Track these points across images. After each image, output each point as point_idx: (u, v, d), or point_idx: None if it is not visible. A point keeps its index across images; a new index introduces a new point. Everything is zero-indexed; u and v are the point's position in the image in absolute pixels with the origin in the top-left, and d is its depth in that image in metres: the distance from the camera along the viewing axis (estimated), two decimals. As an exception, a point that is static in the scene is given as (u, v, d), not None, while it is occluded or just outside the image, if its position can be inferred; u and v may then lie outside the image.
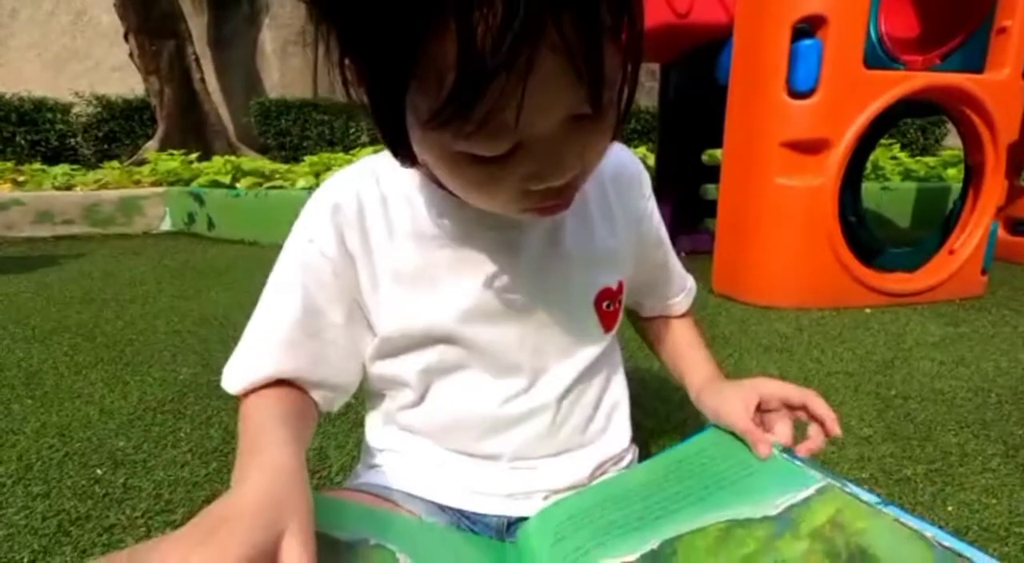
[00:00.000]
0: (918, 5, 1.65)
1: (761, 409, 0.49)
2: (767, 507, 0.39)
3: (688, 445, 0.49)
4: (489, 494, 0.48)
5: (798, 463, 0.43)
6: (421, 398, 0.48)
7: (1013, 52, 1.50)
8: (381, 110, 0.33)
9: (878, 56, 1.50)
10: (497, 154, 0.33)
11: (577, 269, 0.48)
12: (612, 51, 0.31)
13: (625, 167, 0.52)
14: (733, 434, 0.48)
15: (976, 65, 1.53)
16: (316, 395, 0.45)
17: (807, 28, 1.42)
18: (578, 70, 0.29)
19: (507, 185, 0.36)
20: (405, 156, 0.37)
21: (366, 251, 0.44)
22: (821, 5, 1.40)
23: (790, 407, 0.48)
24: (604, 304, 0.50)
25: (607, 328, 0.51)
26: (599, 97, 0.31)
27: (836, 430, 0.47)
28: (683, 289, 0.61)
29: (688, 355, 0.59)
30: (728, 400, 0.49)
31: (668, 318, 0.62)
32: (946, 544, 0.33)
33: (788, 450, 0.45)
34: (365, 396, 0.54)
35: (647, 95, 5.53)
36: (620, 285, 0.52)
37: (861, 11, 1.41)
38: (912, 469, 0.79)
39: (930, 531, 0.34)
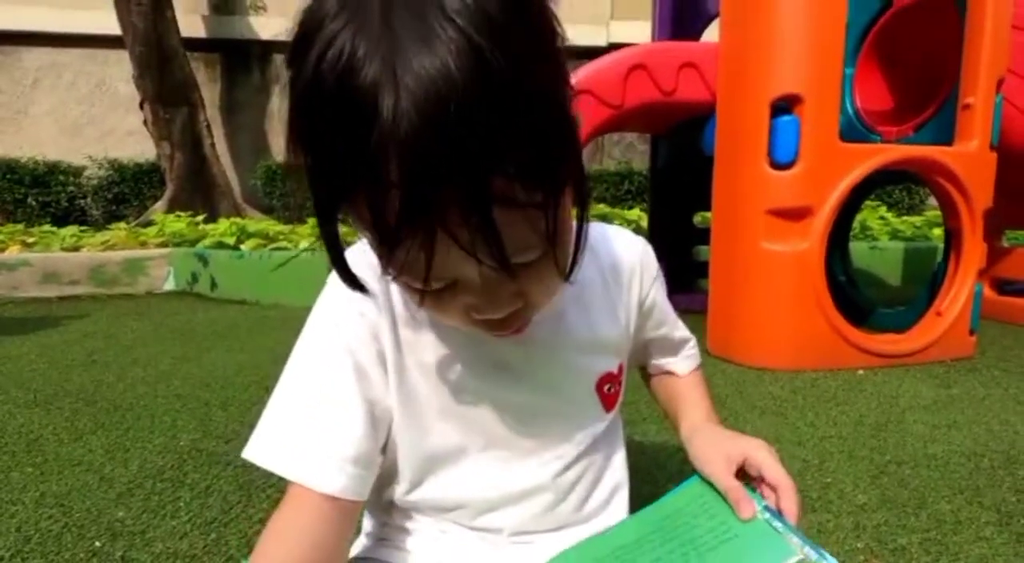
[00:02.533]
0: (889, 79, 1.77)
1: (741, 470, 0.49)
2: None
3: (674, 498, 0.50)
4: (487, 569, 0.49)
5: (778, 526, 0.43)
6: (420, 482, 0.50)
7: (979, 126, 1.60)
8: (322, 229, 0.35)
9: (855, 129, 1.60)
10: (437, 287, 0.36)
11: (579, 357, 0.51)
12: (523, 220, 0.33)
13: (626, 257, 0.54)
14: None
15: (946, 137, 1.63)
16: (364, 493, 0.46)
17: (784, 105, 1.52)
18: (469, 253, 0.32)
19: (453, 311, 0.39)
20: (346, 278, 0.38)
21: (395, 346, 0.46)
22: (796, 85, 1.50)
23: (765, 482, 0.49)
24: (606, 387, 0.53)
25: (608, 409, 0.54)
26: (501, 266, 0.33)
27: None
28: (687, 355, 0.64)
29: (686, 397, 0.61)
30: (714, 454, 0.50)
31: (672, 374, 0.65)
32: None
33: (770, 510, 0.45)
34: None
35: (641, 157, 5.75)
36: (621, 368, 0.54)
37: (834, 90, 1.52)
38: (907, 538, 0.80)
39: None
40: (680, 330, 0.63)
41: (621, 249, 0.54)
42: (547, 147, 0.32)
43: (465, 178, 0.30)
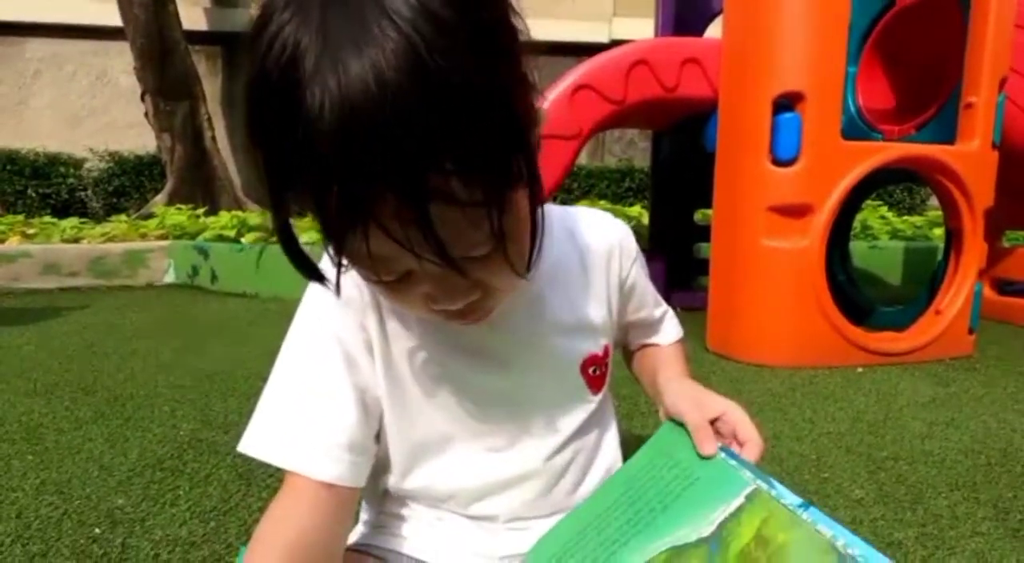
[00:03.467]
0: (892, 78, 1.77)
1: (713, 426, 0.48)
2: (704, 525, 0.41)
3: (639, 456, 0.50)
4: (485, 556, 0.50)
5: (732, 462, 0.44)
6: (411, 470, 0.50)
7: (981, 125, 1.60)
8: (276, 228, 0.36)
9: (857, 127, 1.60)
10: (390, 280, 0.37)
11: (562, 339, 0.51)
12: (464, 217, 0.33)
13: (604, 240, 0.54)
14: (682, 429, 0.48)
15: (948, 136, 1.63)
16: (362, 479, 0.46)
17: (787, 103, 1.52)
18: (405, 247, 0.32)
19: (412, 301, 0.39)
20: (302, 267, 0.38)
21: (382, 336, 0.47)
22: (799, 82, 1.50)
23: (736, 440, 0.48)
24: (591, 369, 0.53)
25: (595, 391, 0.54)
26: (442, 260, 0.33)
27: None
28: (667, 330, 0.63)
29: (664, 361, 0.60)
30: (689, 398, 0.49)
31: (653, 345, 0.64)
32: (853, 552, 0.36)
33: (726, 450, 0.46)
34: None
35: (642, 155, 5.74)
36: (606, 350, 0.54)
37: (836, 88, 1.52)
38: (903, 533, 0.80)
39: (843, 539, 0.37)
40: (659, 308, 0.63)
41: (600, 232, 0.54)
42: (490, 145, 0.32)
43: (396, 174, 0.30)
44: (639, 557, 0.41)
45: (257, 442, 0.45)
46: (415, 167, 0.30)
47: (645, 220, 3.03)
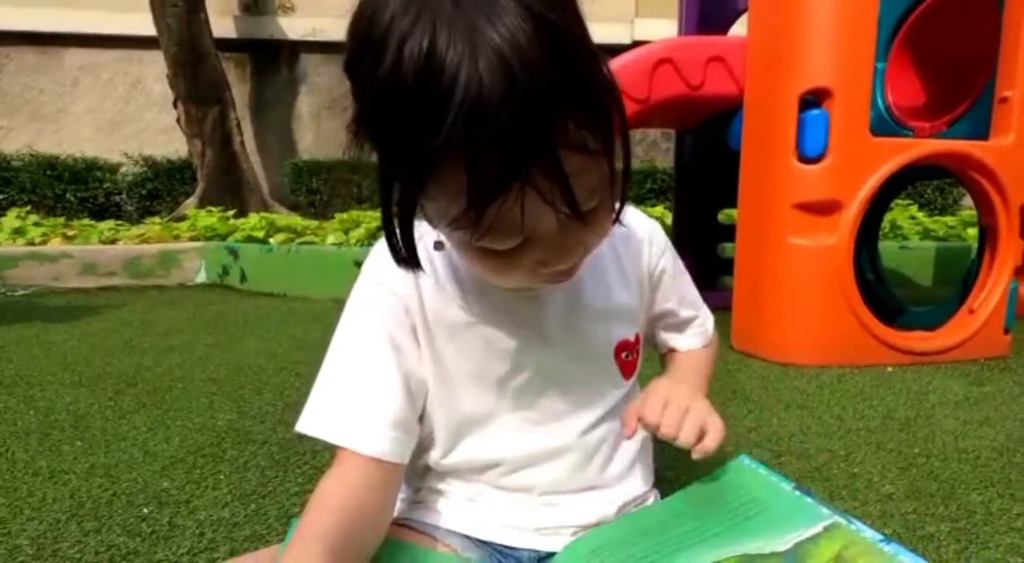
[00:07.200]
0: (923, 75, 1.75)
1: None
2: (778, 543, 0.42)
3: (708, 480, 0.52)
4: (520, 528, 0.52)
5: (810, 500, 0.45)
6: (455, 446, 0.53)
7: (1016, 120, 1.57)
8: (400, 211, 0.39)
9: (886, 123, 1.58)
10: (508, 248, 0.40)
11: (597, 324, 0.54)
12: (593, 166, 0.38)
13: (636, 231, 0.58)
14: (753, 470, 0.51)
15: (982, 131, 1.60)
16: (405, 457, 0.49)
17: (813, 99, 1.51)
18: (548, 202, 0.36)
19: (521, 269, 0.42)
20: (403, 255, 0.42)
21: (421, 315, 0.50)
22: (826, 78, 1.49)
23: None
24: (623, 354, 0.56)
25: (627, 376, 0.56)
26: (578, 212, 0.38)
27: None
28: (692, 334, 0.65)
29: (679, 364, 0.63)
30: (647, 391, 0.52)
31: (675, 350, 0.66)
32: None
33: (802, 487, 0.47)
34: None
35: (664, 156, 5.71)
36: (637, 337, 0.57)
37: (864, 84, 1.50)
38: (935, 527, 0.80)
39: None
40: (687, 309, 0.64)
41: (631, 223, 0.58)
42: (603, 96, 0.37)
43: (546, 132, 0.34)
44: (706, 558, 0.42)
45: (312, 422, 0.48)
46: (556, 121, 0.34)
47: (668, 221, 3.02)
